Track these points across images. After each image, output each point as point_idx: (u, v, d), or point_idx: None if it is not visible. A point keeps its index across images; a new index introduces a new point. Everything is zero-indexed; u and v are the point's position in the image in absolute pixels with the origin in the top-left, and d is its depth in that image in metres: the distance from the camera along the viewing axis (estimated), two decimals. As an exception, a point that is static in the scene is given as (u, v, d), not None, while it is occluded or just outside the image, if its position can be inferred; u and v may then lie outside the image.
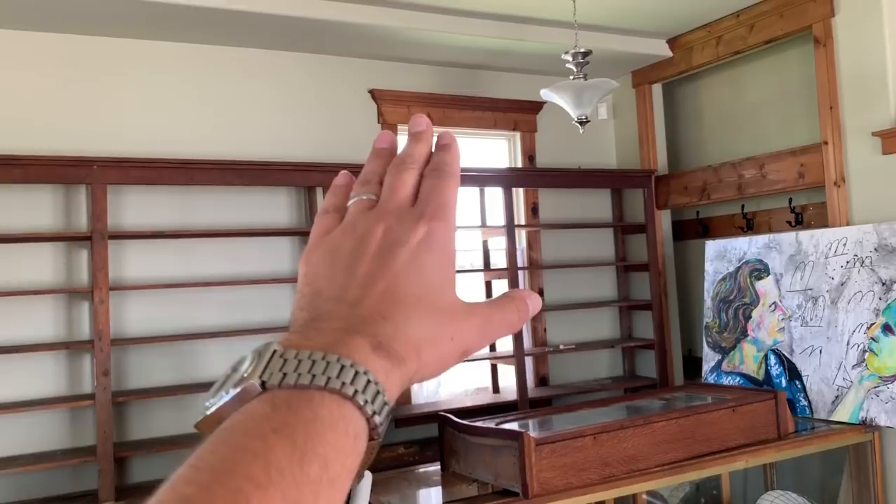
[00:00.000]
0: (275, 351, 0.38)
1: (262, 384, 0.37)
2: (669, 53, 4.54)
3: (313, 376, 0.36)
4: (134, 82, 3.74)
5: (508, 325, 0.47)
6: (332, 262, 0.45)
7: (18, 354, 3.32)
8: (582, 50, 3.48)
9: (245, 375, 0.37)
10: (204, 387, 3.57)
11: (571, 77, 3.50)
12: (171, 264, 3.70)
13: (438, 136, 0.50)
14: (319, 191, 3.88)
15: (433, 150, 0.49)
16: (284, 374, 0.37)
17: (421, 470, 3.08)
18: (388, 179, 0.47)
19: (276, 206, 3.97)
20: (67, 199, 3.55)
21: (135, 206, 3.65)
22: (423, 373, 0.42)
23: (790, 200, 4.14)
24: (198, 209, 3.77)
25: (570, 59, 3.49)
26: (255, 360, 0.38)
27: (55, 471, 3.32)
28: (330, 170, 3.81)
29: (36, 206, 3.47)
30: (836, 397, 3.41)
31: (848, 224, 3.64)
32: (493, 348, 4.45)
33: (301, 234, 3.98)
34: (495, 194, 4.39)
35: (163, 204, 3.71)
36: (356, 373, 0.37)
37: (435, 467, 3.02)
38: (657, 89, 4.83)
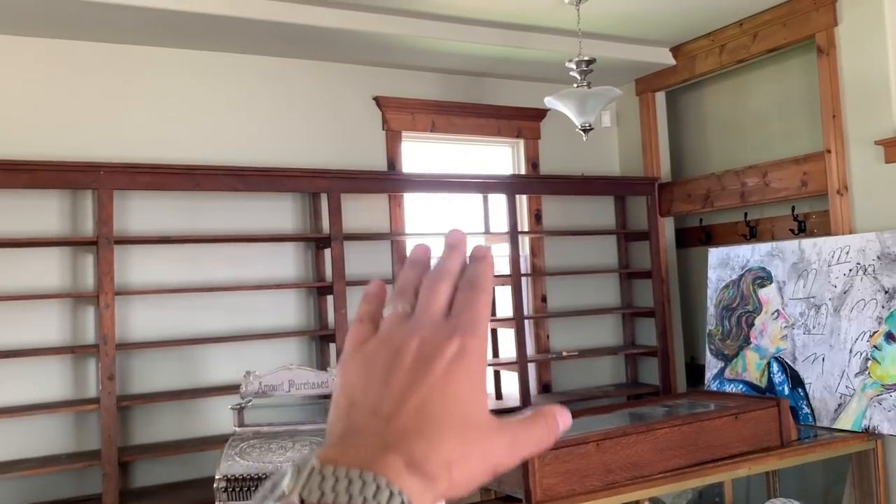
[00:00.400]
0: (313, 468, 0.39)
1: (301, 501, 0.38)
2: (673, 62, 4.56)
3: (350, 496, 0.38)
4: (141, 88, 3.76)
5: (538, 442, 0.47)
6: (367, 374, 0.46)
7: (24, 358, 3.34)
8: (586, 58, 3.50)
9: (285, 492, 0.38)
10: (208, 391, 3.59)
11: (575, 85, 3.53)
12: (177, 269, 3.72)
13: (473, 249, 0.51)
14: (324, 197, 3.90)
15: (468, 260, 0.50)
16: (322, 493, 0.38)
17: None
18: (423, 291, 0.48)
19: (281, 212, 3.99)
20: (74, 204, 3.57)
21: (141, 212, 3.67)
22: (454, 491, 0.43)
23: (793, 208, 4.15)
24: (204, 215, 3.80)
25: (573, 67, 3.52)
26: (295, 476, 0.39)
27: (60, 474, 3.33)
28: (335, 176, 3.84)
29: (43, 211, 3.49)
30: (839, 405, 3.42)
31: (851, 232, 3.65)
32: (496, 354, 4.46)
33: (305, 239, 4.00)
34: (499, 201, 4.40)
35: (169, 209, 3.73)
36: (391, 493, 0.39)
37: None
38: (660, 97, 4.85)
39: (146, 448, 3.51)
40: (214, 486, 2.54)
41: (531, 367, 4.47)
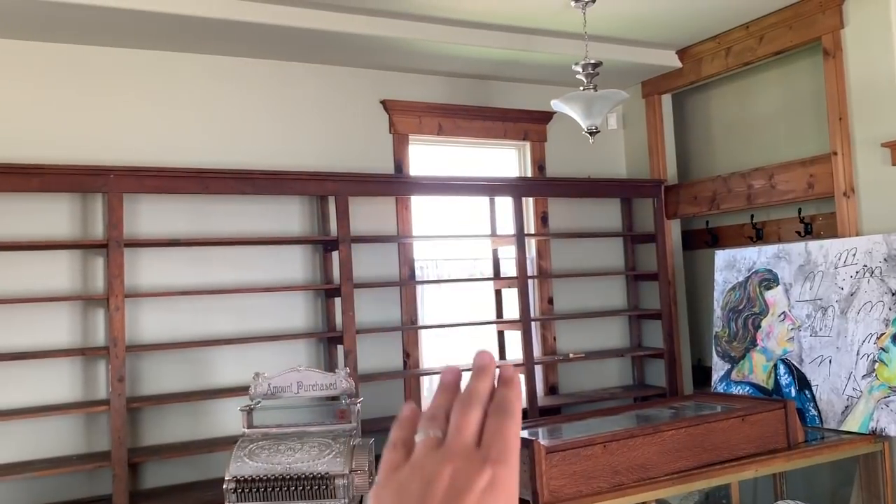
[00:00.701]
0: None
1: None
2: (679, 64, 4.57)
3: None
4: (150, 93, 3.79)
5: None
6: (400, 501, 0.47)
7: (35, 360, 3.37)
8: (592, 61, 3.52)
9: None
10: (217, 393, 3.61)
11: (581, 88, 3.54)
12: (186, 272, 3.75)
13: (501, 371, 0.53)
14: (332, 200, 3.93)
15: (496, 382, 0.52)
16: None
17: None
18: (454, 417, 0.49)
19: (289, 214, 4.02)
20: (84, 208, 3.60)
21: (150, 215, 3.70)
22: None
23: (799, 210, 4.16)
24: (212, 218, 3.82)
25: (580, 70, 3.53)
26: None
27: (70, 475, 3.36)
28: (342, 179, 3.86)
29: (53, 214, 3.52)
30: (846, 407, 3.42)
31: (857, 234, 3.65)
32: (502, 356, 4.47)
33: (313, 242, 4.02)
34: (505, 203, 4.42)
35: (178, 212, 3.76)
36: None
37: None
38: (667, 100, 4.86)
39: (156, 449, 3.54)
40: (224, 486, 2.56)
41: (538, 369, 4.49)
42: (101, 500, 3.32)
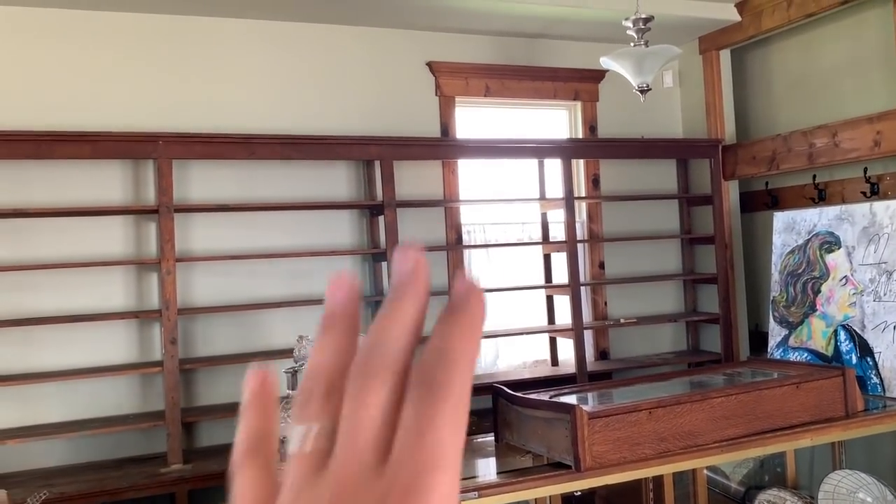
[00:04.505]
0: None
1: None
2: (738, 18, 4.37)
3: None
4: (197, 59, 3.82)
5: None
6: None
7: (92, 323, 3.48)
8: (643, 16, 3.38)
9: None
10: (268, 355, 3.67)
11: (632, 44, 3.41)
12: (235, 236, 3.80)
13: (455, 285, 0.30)
14: (377, 164, 3.91)
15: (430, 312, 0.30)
16: None
17: (477, 440, 3.10)
18: (346, 404, 0.29)
19: (335, 179, 4.02)
20: (136, 174, 3.67)
21: (199, 181, 3.75)
22: None
23: (865, 170, 3.95)
24: (260, 183, 3.85)
25: (630, 25, 3.40)
26: None
27: (126, 434, 3.48)
28: (388, 143, 3.83)
29: (106, 181, 3.60)
30: (910, 375, 3.27)
31: (927, 194, 3.46)
32: (551, 321, 4.42)
33: (359, 207, 4.02)
34: (555, 166, 4.33)
35: (226, 178, 3.80)
36: None
37: (490, 438, 3.04)
38: (725, 55, 4.66)
39: (209, 409, 3.63)
40: (268, 447, 2.60)
41: (588, 334, 4.42)
42: (156, 457, 3.43)
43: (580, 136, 4.64)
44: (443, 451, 0.28)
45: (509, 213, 4.50)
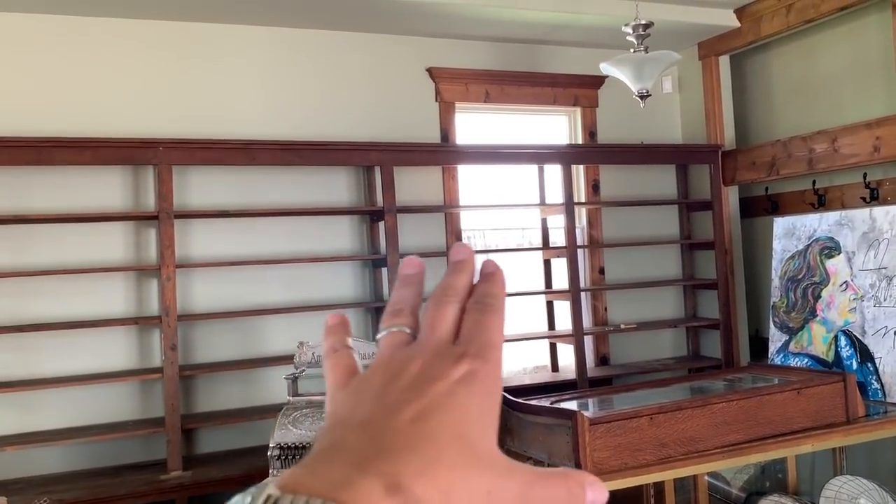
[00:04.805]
0: (269, 496, 0.32)
1: None
2: (737, 24, 4.38)
3: None
4: (197, 65, 3.82)
5: None
6: (358, 394, 0.40)
7: (92, 329, 3.47)
8: (643, 22, 3.39)
9: None
10: (268, 361, 3.67)
11: (632, 50, 3.42)
12: (235, 242, 3.80)
13: (483, 264, 0.45)
14: (377, 170, 3.91)
15: (476, 279, 0.45)
16: None
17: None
18: (426, 314, 0.42)
19: (336, 185, 4.02)
20: (136, 180, 3.67)
21: (199, 186, 3.75)
22: None
23: (865, 175, 3.96)
24: (260, 189, 3.85)
25: (630, 31, 3.41)
26: None
27: (126, 440, 3.47)
28: (388, 149, 3.84)
29: (106, 187, 3.60)
30: (911, 381, 3.27)
31: (927, 199, 3.46)
32: (552, 326, 4.42)
33: (360, 212, 4.02)
34: (554, 171, 4.33)
35: (227, 184, 3.80)
36: None
37: (490, 444, 3.03)
38: (724, 61, 4.67)
39: (208, 416, 3.62)
40: (268, 453, 2.60)
41: (588, 340, 4.42)
42: (156, 464, 3.42)
43: (580, 141, 4.64)
44: (495, 339, 0.41)
45: (509, 219, 4.50)
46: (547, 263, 4.44)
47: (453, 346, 0.40)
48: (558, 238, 4.38)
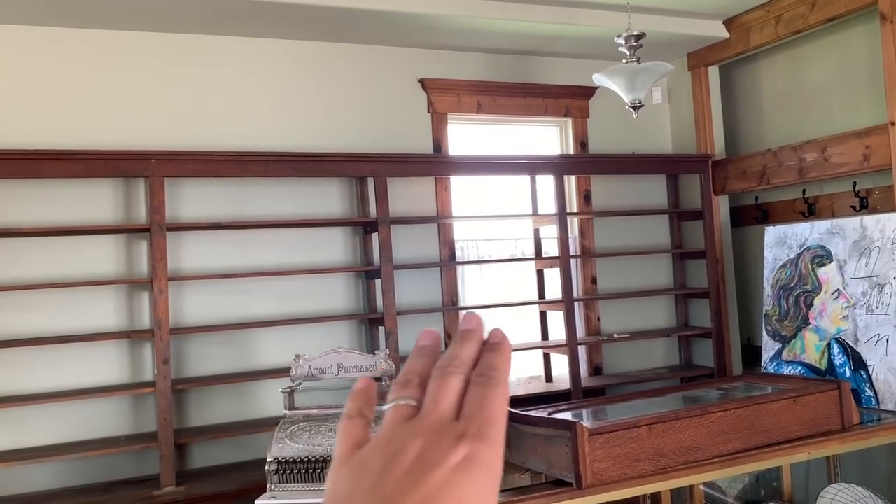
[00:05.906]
0: None
1: None
2: (726, 35, 4.42)
3: None
4: (189, 77, 3.81)
5: None
6: (357, 476, 0.40)
7: (83, 343, 3.43)
8: (635, 33, 3.41)
9: None
10: (260, 375, 3.64)
11: (624, 61, 3.44)
12: (228, 255, 3.77)
13: (490, 334, 0.47)
14: (370, 181, 3.90)
15: (483, 346, 0.47)
16: None
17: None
18: (431, 386, 0.44)
19: (328, 196, 4.01)
20: (127, 192, 3.64)
21: (192, 199, 3.72)
22: None
23: (854, 184, 3.99)
24: (253, 200, 3.83)
25: (622, 42, 3.42)
26: None
27: (118, 456, 3.43)
28: (381, 160, 3.83)
29: (98, 199, 3.57)
30: (904, 388, 3.28)
31: (917, 208, 3.49)
32: (545, 336, 4.42)
33: (353, 224, 4.01)
34: (547, 182, 4.34)
35: (219, 196, 3.78)
36: None
37: (487, 456, 3.01)
38: (714, 72, 4.70)
39: (201, 430, 3.58)
40: (266, 468, 2.57)
41: (581, 350, 4.42)
42: (148, 479, 3.38)
43: (572, 152, 4.65)
44: (496, 415, 0.42)
45: (502, 230, 4.51)
46: (540, 274, 4.44)
47: (454, 424, 0.42)
48: (551, 248, 4.39)
